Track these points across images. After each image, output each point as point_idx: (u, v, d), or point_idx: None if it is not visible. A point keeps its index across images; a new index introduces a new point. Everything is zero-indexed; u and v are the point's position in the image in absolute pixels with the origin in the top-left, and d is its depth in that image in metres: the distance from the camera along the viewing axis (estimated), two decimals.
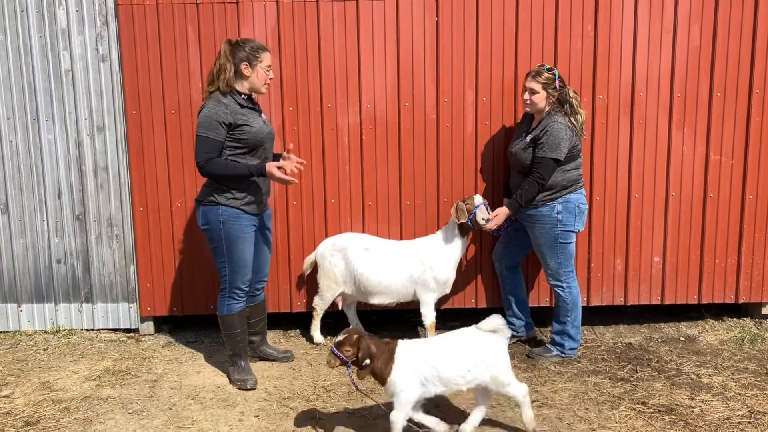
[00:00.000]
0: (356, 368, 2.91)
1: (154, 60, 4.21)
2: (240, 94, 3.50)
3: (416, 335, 4.42)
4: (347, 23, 4.20)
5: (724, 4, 4.20)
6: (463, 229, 4.02)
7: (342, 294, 4.25)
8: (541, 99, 3.81)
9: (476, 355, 2.96)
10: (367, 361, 2.89)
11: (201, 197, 3.56)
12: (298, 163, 3.52)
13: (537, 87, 3.79)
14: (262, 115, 3.66)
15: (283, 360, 4.02)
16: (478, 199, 3.99)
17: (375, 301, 4.15)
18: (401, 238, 4.35)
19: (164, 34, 4.19)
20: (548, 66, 3.82)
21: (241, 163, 3.45)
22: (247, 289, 3.66)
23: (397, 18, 4.20)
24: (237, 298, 3.63)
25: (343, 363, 2.89)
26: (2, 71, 4.35)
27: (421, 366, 2.91)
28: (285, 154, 3.58)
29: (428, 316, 4.06)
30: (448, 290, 4.15)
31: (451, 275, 4.08)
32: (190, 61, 4.21)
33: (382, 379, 2.92)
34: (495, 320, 3.05)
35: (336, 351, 2.88)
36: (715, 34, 4.22)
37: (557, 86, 3.78)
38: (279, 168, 3.39)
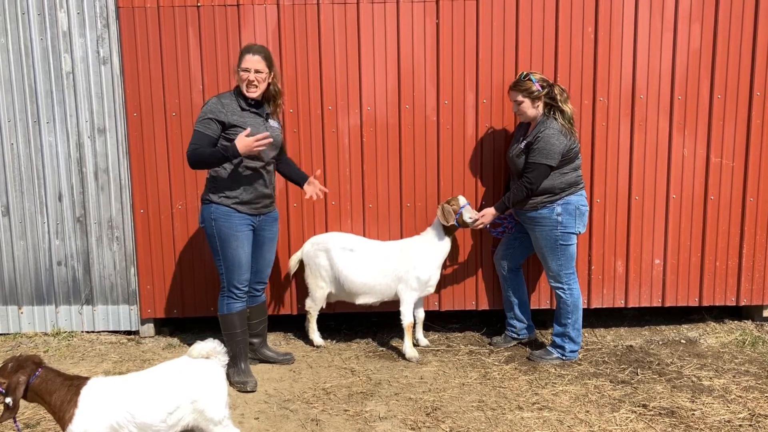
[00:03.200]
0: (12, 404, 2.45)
1: (155, 62, 4.22)
2: (246, 98, 3.54)
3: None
4: (348, 26, 4.21)
5: (724, 7, 4.20)
6: (448, 230, 4.04)
7: (328, 294, 4.25)
8: (527, 107, 3.83)
9: (182, 391, 2.58)
10: (9, 401, 2.42)
11: (202, 195, 3.67)
12: (320, 190, 3.74)
13: (519, 97, 3.83)
14: (271, 122, 3.65)
15: (283, 362, 4.02)
16: (463, 199, 4.03)
17: (359, 301, 4.16)
18: (396, 240, 4.34)
19: (165, 37, 4.20)
20: (525, 73, 3.84)
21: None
22: (245, 288, 3.67)
23: (398, 20, 4.20)
24: (235, 297, 3.64)
25: (4, 396, 2.46)
26: (3, 74, 4.36)
27: (112, 411, 2.47)
28: (311, 179, 3.76)
29: (406, 315, 4.06)
30: (431, 290, 4.16)
31: (434, 274, 4.09)
32: (191, 64, 4.22)
33: (61, 425, 2.48)
34: (208, 344, 2.73)
35: None
36: (715, 37, 4.22)
37: (539, 88, 3.78)
38: (247, 135, 3.36)
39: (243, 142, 3.36)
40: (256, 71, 3.50)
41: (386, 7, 4.20)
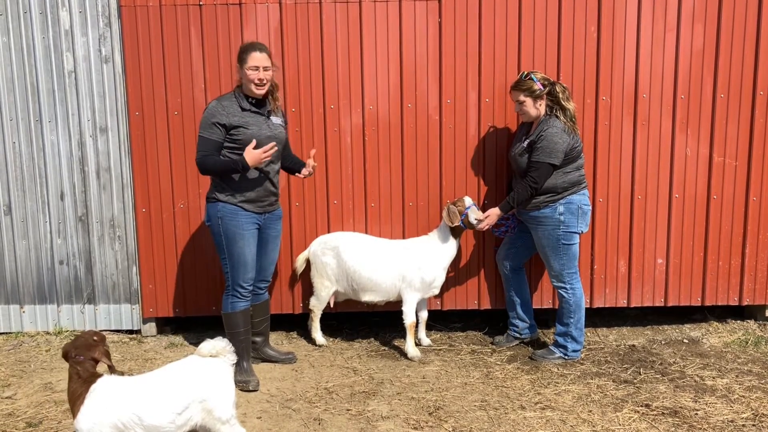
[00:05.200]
0: None
1: (157, 61, 4.21)
2: (247, 97, 3.54)
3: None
4: (350, 24, 4.20)
5: (727, 6, 4.19)
6: (455, 231, 4.04)
7: (335, 293, 4.26)
8: (529, 106, 3.82)
9: (189, 392, 2.58)
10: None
11: (207, 194, 3.66)
12: (312, 167, 3.76)
13: (521, 96, 3.82)
14: (274, 119, 3.65)
15: (286, 361, 4.02)
16: (468, 200, 4.02)
17: (366, 298, 4.16)
18: (403, 239, 4.34)
19: (167, 36, 4.19)
20: (526, 73, 3.84)
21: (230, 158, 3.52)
22: (250, 287, 3.67)
23: (400, 19, 4.20)
24: (240, 296, 3.64)
25: None
26: (6, 73, 4.36)
27: (116, 410, 2.47)
28: (307, 161, 3.80)
29: (408, 315, 4.06)
30: (435, 291, 4.16)
31: (439, 276, 4.08)
32: (193, 63, 4.22)
33: (73, 416, 2.53)
34: (218, 343, 2.73)
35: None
36: (718, 36, 4.21)
37: (540, 87, 3.78)
38: (254, 149, 3.44)
39: (251, 155, 3.42)
40: (264, 69, 3.50)
41: (388, 6, 4.19)
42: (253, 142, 3.44)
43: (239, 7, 4.17)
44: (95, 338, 2.66)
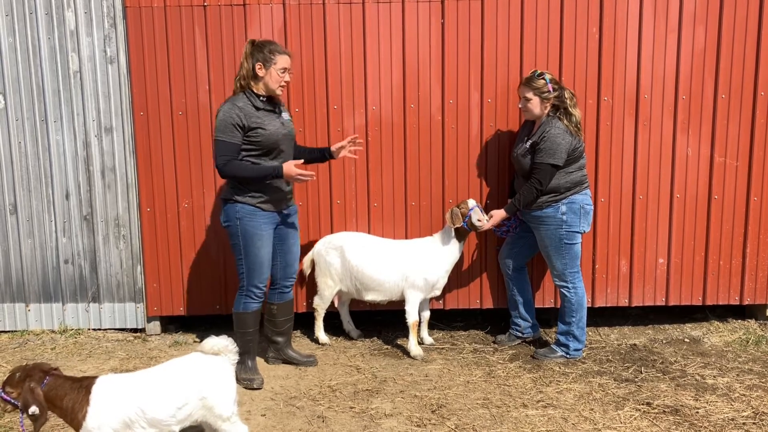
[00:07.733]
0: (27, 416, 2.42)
1: (162, 62, 4.24)
2: (258, 96, 3.53)
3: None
4: (353, 25, 4.23)
5: (728, 7, 4.21)
6: (459, 234, 4.06)
7: (338, 292, 4.29)
8: (535, 105, 3.84)
9: (191, 388, 2.61)
10: (34, 410, 2.41)
11: (223, 195, 3.65)
12: (351, 144, 3.80)
13: (529, 94, 3.84)
14: (284, 115, 3.67)
15: (307, 364, 3.98)
16: (472, 202, 4.04)
17: (369, 297, 4.18)
18: (407, 239, 4.36)
19: (172, 36, 4.22)
20: (539, 72, 3.85)
21: (259, 164, 3.51)
22: (264, 288, 3.69)
23: (403, 20, 4.22)
24: (254, 297, 3.66)
25: (15, 407, 2.47)
26: (11, 73, 4.39)
27: (124, 406, 2.49)
28: (339, 144, 3.81)
29: (411, 314, 4.09)
30: (437, 292, 4.19)
31: (442, 277, 4.11)
32: (198, 63, 4.24)
33: (75, 425, 2.49)
34: (221, 341, 2.76)
35: (2, 393, 2.48)
36: (719, 37, 4.23)
37: (550, 90, 3.80)
38: (296, 166, 3.49)
39: (291, 170, 3.46)
40: (290, 72, 3.58)
41: (391, 7, 4.21)
42: (300, 162, 3.51)
43: (243, 8, 4.20)
44: (26, 365, 2.59)
